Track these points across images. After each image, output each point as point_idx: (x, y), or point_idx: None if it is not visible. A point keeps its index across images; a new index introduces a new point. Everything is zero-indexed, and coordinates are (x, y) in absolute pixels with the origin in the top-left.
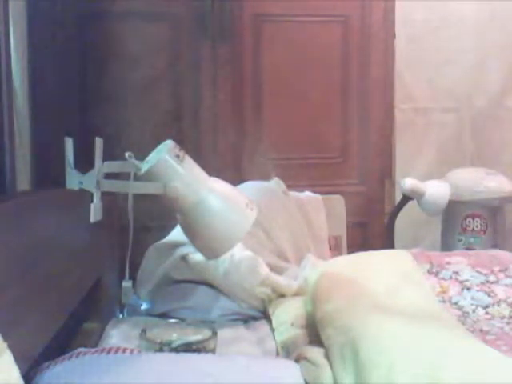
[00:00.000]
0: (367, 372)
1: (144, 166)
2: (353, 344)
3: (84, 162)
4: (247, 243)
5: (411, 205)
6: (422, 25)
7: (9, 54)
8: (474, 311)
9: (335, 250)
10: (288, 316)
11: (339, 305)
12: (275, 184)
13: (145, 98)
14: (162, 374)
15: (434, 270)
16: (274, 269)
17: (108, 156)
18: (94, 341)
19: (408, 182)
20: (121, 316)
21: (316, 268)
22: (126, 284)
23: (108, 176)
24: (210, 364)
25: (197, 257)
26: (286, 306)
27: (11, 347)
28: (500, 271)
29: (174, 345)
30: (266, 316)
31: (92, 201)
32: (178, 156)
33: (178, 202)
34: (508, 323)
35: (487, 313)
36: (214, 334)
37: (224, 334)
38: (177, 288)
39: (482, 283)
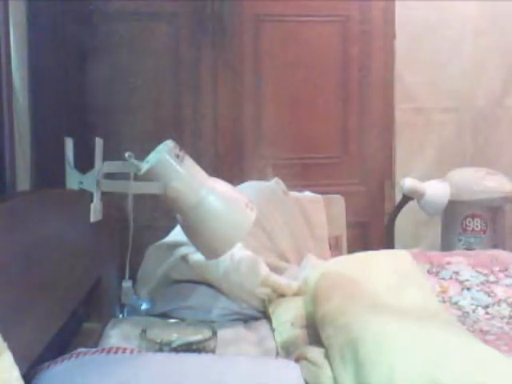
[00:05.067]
0: (367, 372)
1: (144, 166)
2: (353, 344)
3: (84, 162)
4: (247, 243)
5: (411, 205)
6: (422, 25)
7: (9, 54)
8: (474, 311)
9: (335, 250)
10: (288, 316)
11: (339, 305)
12: (275, 184)
13: (145, 98)
14: (162, 374)
15: (434, 270)
16: (273, 269)
17: (108, 156)
18: (93, 341)
19: (408, 182)
20: (121, 316)
21: (316, 268)
22: (126, 284)
23: (108, 176)
24: (210, 364)
25: (197, 257)
26: (286, 306)
27: (11, 347)
28: (500, 271)
29: (173, 345)
30: (266, 316)
31: (92, 201)
32: (177, 156)
33: (178, 202)
34: (508, 323)
35: (487, 313)
36: (214, 334)
37: (224, 334)
38: (177, 288)
39: (482, 283)
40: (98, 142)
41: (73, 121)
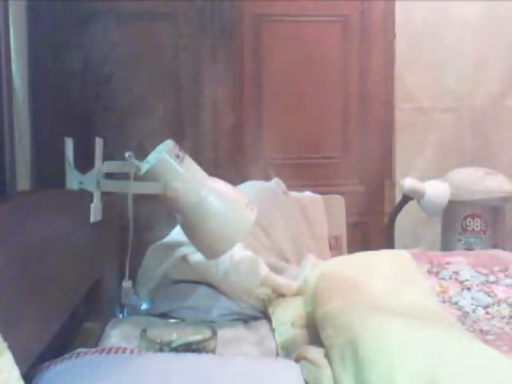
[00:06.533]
0: (367, 372)
1: (144, 166)
2: (353, 344)
3: (84, 162)
4: (247, 243)
5: (411, 205)
6: (422, 25)
7: (9, 54)
8: (474, 311)
9: (335, 250)
10: (288, 316)
11: (339, 305)
12: (275, 184)
13: (145, 98)
14: (162, 374)
15: (434, 270)
16: (273, 269)
17: (108, 156)
18: (93, 341)
19: (408, 182)
20: (121, 316)
21: (316, 268)
22: (126, 284)
23: (108, 176)
24: (210, 364)
25: (197, 257)
26: (286, 306)
27: (11, 347)
28: (500, 271)
29: (174, 345)
30: (266, 316)
31: (92, 201)
32: (177, 156)
33: (178, 202)
34: (508, 323)
35: (487, 313)
36: (214, 334)
37: (224, 334)
38: (177, 288)
39: (482, 283)
40: (98, 142)
41: (73, 121)
